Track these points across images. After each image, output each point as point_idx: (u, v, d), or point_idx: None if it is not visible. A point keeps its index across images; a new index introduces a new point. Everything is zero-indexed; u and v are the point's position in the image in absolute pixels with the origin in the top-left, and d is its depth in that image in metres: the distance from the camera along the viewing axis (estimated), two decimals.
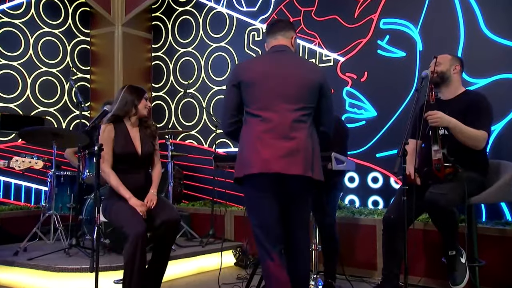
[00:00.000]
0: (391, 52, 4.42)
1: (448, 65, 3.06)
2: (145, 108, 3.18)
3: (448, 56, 3.11)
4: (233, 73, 2.46)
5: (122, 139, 3.09)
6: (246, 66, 2.48)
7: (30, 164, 3.09)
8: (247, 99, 2.38)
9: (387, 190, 4.34)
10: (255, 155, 2.29)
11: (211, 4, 5.75)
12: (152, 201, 3.00)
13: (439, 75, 3.04)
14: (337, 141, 3.50)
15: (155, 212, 2.97)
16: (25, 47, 5.50)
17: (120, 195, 2.99)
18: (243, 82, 2.40)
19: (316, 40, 4.89)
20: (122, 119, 3.15)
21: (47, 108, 5.67)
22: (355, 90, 4.62)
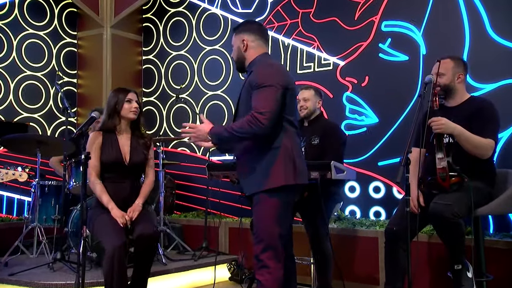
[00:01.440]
0: (393, 56, 4.44)
1: (451, 75, 3.06)
2: (130, 111, 3.11)
3: (450, 62, 3.08)
4: (284, 75, 2.54)
5: (110, 147, 3.09)
6: (287, 72, 2.67)
7: (14, 176, 3.08)
8: (290, 107, 2.53)
9: (390, 201, 4.34)
10: (303, 165, 2.56)
11: (204, 5, 5.77)
12: (134, 212, 2.98)
13: (442, 88, 3.05)
14: (333, 148, 3.50)
15: (134, 225, 2.97)
16: (8, 49, 5.49)
17: (105, 206, 2.98)
18: (291, 90, 2.54)
19: (315, 43, 4.91)
20: (112, 126, 3.14)
21: (31, 114, 5.65)
22: (356, 96, 4.63)
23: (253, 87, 2.46)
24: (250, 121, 2.38)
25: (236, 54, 2.67)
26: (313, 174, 3.15)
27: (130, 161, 3.09)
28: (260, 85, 2.43)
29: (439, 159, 2.90)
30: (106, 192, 3.02)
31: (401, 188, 4.24)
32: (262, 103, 2.39)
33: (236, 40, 2.66)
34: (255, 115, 2.37)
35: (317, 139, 3.53)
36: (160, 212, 4.59)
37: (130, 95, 3.12)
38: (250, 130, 2.38)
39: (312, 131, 3.57)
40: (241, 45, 2.63)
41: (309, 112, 3.62)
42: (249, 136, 2.42)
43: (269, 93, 2.42)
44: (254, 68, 2.56)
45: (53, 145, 4.06)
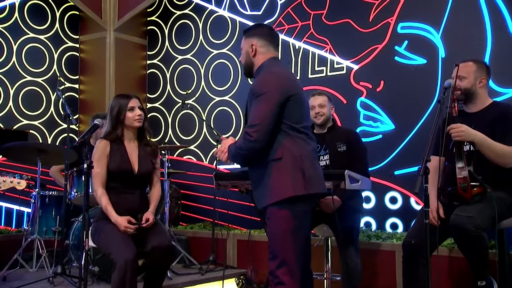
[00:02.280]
0: (410, 59, 4.43)
1: (472, 79, 3.04)
2: (134, 120, 3.10)
3: (472, 65, 3.06)
4: (284, 82, 2.54)
5: (118, 155, 3.09)
6: (291, 77, 2.68)
7: (12, 184, 3.11)
8: (295, 115, 2.52)
9: (407, 212, 4.32)
10: (316, 174, 2.55)
11: (211, 7, 5.81)
12: (150, 219, 2.99)
13: (463, 92, 3.03)
14: (361, 155, 3.51)
15: (147, 237, 2.96)
16: (8, 54, 5.55)
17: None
18: (295, 96, 2.53)
19: (327, 46, 4.91)
20: (118, 134, 3.14)
21: (31, 121, 5.71)
22: (370, 101, 4.62)
23: (253, 96, 2.51)
24: (244, 137, 2.47)
25: (245, 58, 2.68)
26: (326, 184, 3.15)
27: (139, 171, 3.10)
28: (256, 95, 2.48)
29: (460, 168, 2.88)
30: (111, 204, 3.01)
31: (419, 199, 4.21)
32: (254, 116, 2.46)
33: (245, 44, 2.67)
34: (246, 130, 2.45)
35: (343, 146, 3.55)
36: (166, 224, 4.59)
37: (132, 102, 3.09)
38: (245, 146, 2.46)
39: (336, 138, 3.58)
40: (250, 49, 2.64)
41: (326, 118, 3.62)
42: (247, 152, 2.48)
43: (263, 104, 2.46)
44: (257, 75, 2.60)
45: (54, 154, 4.09)
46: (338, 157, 3.54)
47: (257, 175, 2.55)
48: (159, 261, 2.94)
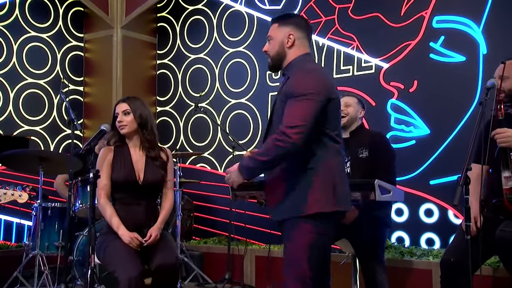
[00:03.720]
0: (447, 57, 4.38)
1: None
2: (119, 127, 3.11)
3: None
4: (326, 82, 2.49)
5: (122, 164, 3.11)
6: (331, 79, 2.70)
7: (13, 197, 3.14)
8: (333, 121, 2.48)
9: (445, 226, 4.27)
10: (346, 189, 2.52)
11: (227, 2, 5.82)
12: (153, 235, 2.99)
13: (507, 94, 2.97)
14: (386, 162, 3.45)
15: (152, 254, 2.97)
16: (8, 55, 5.63)
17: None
18: (335, 100, 2.49)
19: (354, 43, 4.89)
20: (121, 140, 3.17)
21: (33, 126, 5.77)
22: (403, 103, 4.58)
23: (288, 96, 2.41)
24: (277, 139, 2.35)
25: (277, 49, 2.55)
26: (354, 194, 3.10)
27: (145, 180, 3.10)
28: (296, 95, 2.38)
29: (506, 178, 2.82)
30: (117, 216, 3.03)
31: (458, 212, 4.14)
32: (295, 116, 2.36)
33: (279, 33, 2.54)
34: (283, 130, 2.34)
35: (365, 152, 3.48)
36: (177, 238, 4.59)
37: (118, 107, 3.15)
38: (278, 150, 2.36)
39: (358, 142, 3.51)
40: (286, 40, 2.53)
41: (350, 120, 3.56)
42: (278, 158, 2.39)
43: (305, 105, 2.37)
44: (291, 73, 2.51)
45: (57, 162, 4.12)
46: (358, 164, 3.46)
47: (279, 184, 2.49)
48: (164, 281, 2.93)
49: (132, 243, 2.92)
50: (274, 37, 2.55)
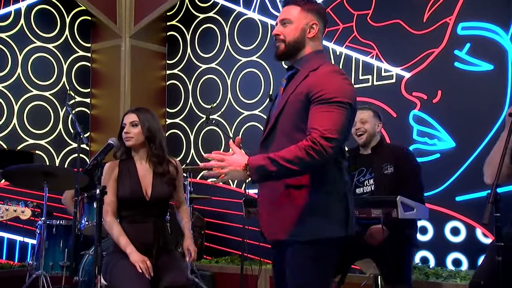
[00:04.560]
0: (473, 65, 4.34)
1: None
2: (125, 139, 3.10)
3: None
4: (353, 88, 2.31)
5: (127, 179, 3.10)
6: None
7: (16, 213, 3.13)
8: (348, 135, 2.30)
9: (473, 246, 4.20)
10: (353, 212, 2.37)
11: (239, 9, 5.84)
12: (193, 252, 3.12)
13: None
14: (414, 177, 3.42)
15: (162, 274, 2.95)
16: (12, 66, 5.68)
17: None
18: (355, 112, 2.33)
19: (373, 51, 4.86)
20: (127, 153, 3.17)
21: (38, 140, 5.80)
22: (426, 114, 4.53)
23: (314, 99, 2.20)
24: (312, 148, 2.10)
25: (297, 36, 2.33)
26: (375, 212, 3.08)
27: (152, 196, 3.09)
28: (330, 101, 2.17)
29: None
30: (124, 234, 3.02)
31: (489, 232, 4.07)
32: (331, 126, 2.14)
33: (302, 18, 2.34)
34: (319, 141, 2.10)
35: (391, 167, 3.47)
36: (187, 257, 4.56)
37: (126, 118, 3.15)
38: (310, 161, 2.11)
39: (382, 158, 3.50)
40: (309, 28, 2.33)
41: (369, 137, 3.56)
42: (305, 170, 2.18)
43: (341, 115, 2.17)
44: (307, 69, 2.29)
45: (62, 178, 4.12)
46: (383, 180, 3.45)
47: (289, 199, 2.28)
48: None
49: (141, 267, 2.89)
50: (295, 22, 2.33)
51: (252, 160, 2.15)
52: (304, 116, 2.22)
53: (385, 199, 3.07)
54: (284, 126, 2.27)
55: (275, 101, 2.40)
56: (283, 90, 2.35)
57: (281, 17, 2.37)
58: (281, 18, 2.37)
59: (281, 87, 2.38)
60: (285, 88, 2.34)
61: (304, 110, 2.22)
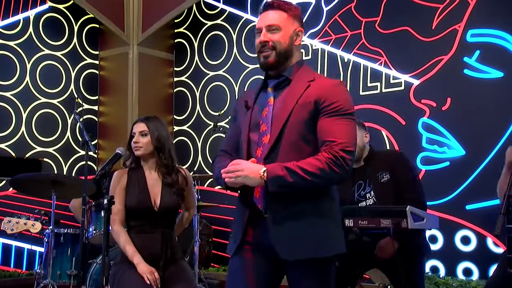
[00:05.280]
0: (482, 72, 4.31)
1: None
2: (134, 148, 3.08)
3: None
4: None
5: (136, 188, 3.08)
6: None
7: (26, 226, 3.14)
8: None
9: (484, 255, 4.16)
10: None
11: (247, 16, 5.83)
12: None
13: None
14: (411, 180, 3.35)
15: (170, 286, 2.92)
16: (21, 74, 5.70)
17: None
18: None
19: (382, 58, 4.84)
20: (136, 162, 3.16)
21: (46, 148, 5.81)
22: (435, 122, 4.51)
23: (327, 110, 2.11)
24: (332, 162, 2.04)
25: (288, 44, 2.19)
26: (384, 222, 3.03)
27: (161, 206, 3.06)
28: (343, 113, 2.11)
29: None
30: (132, 243, 3.00)
31: (501, 242, 4.03)
32: (347, 138, 2.08)
33: (290, 25, 2.20)
34: (341, 154, 2.04)
35: (386, 175, 3.39)
36: (195, 266, 4.54)
37: (135, 127, 3.13)
38: (331, 175, 2.04)
39: (376, 167, 3.42)
40: (295, 36, 2.21)
41: (359, 151, 3.47)
42: (326, 183, 2.11)
43: (353, 126, 2.14)
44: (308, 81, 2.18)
45: (70, 186, 4.11)
46: (383, 189, 3.35)
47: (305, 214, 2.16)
48: None
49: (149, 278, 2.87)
50: (284, 28, 2.18)
51: (270, 168, 2.05)
52: (312, 127, 2.13)
53: (394, 209, 3.02)
54: (291, 138, 2.13)
55: (251, 111, 2.22)
56: (274, 99, 2.20)
57: (267, 23, 2.19)
58: (267, 24, 2.19)
59: (271, 97, 2.20)
60: (277, 98, 2.20)
61: (312, 121, 2.13)
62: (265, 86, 2.27)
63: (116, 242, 3.14)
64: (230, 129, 2.38)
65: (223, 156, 2.29)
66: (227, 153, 2.30)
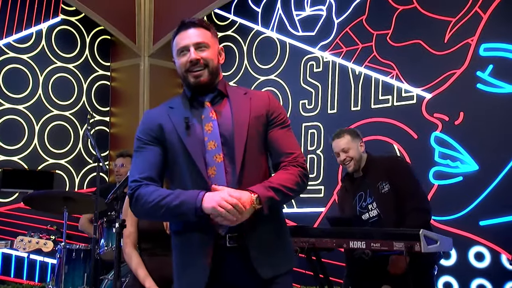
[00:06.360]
0: (496, 87, 4.25)
1: None
2: None
3: None
4: None
5: None
6: None
7: (38, 245, 3.15)
8: None
9: (498, 272, 4.09)
10: None
11: (258, 28, 5.80)
12: None
13: None
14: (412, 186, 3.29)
15: None
16: (34, 86, 5.72)
17: None
18: None
19: (393, 71, 4.79)
20: None
21: (58, 160, 5.82)
22: (448, 136, 4.45)
23: (277, 122, 2.09)
24: (303, 174, 2.04)
25: (216, 61, 2.12)
26: (397, 245, 2.99)
27: None
28: (287, 124, 2.14)
29: None
30: (144, 266, 2.98)
31: None
32: (300, 149, 2.14)
33: (215, 43, 2.15)
34: (305, 166, 2.07)
35: (386, 185, 3.31)
36: None
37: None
38: (304, 186, 2.07)
39: (375, 178, 3.35)
40: (219, 54, 2.16)
41: (356, 162, 3.41)
42: (299, 195, 2.11)
43: (295, 137, 2.19)
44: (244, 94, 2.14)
45: (81, 202, 4.11)
46: (384, 200, 3.29)
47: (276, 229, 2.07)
48: None
49: None
50: (211, 46, 2.11)
51: (259, 192, 1.93)
52: (265, 140, 2.08)
53: (407, 232, 2.98)
54: (252, 153, 2.03)
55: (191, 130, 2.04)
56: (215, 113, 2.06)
57: (194, 40, 2.08)
58: (195, 42, 2.08)
59: (211, 111, 2.06)
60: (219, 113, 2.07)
61: (264, 133, 2.08)
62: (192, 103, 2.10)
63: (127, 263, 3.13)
64: (148, 154, 2.06)
65: (153, 185, 2.01)
66: (154, 181, 2.03)
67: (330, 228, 3.25)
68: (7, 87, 5.56)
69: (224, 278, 2.00)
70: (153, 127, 2.10)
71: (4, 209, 5.37)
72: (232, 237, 1.97)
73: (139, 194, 2.00)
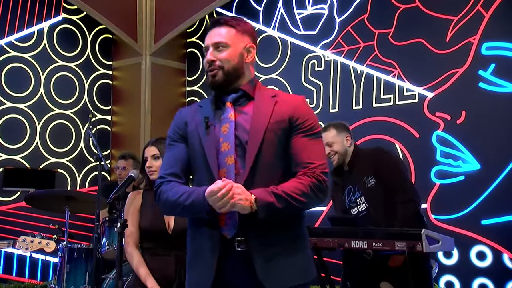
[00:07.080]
0: (497, 86, 4.24)
1: None
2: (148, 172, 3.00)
3: None
4: None
5: (150, 210, 3.04)
6: None
7: (40, 245, 3.15)
8: None
9: (500, 271, 4.09)
10: None
11: (259, 27, 5.79)
12: None
13: None
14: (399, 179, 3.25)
15: None
16: (35, 85, 5.71)
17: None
18: None
19: (395, 70, 4.78)
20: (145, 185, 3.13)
21: (59, 159, 5.81)
22: (449, 135, 4.44)
23: (302, 128, 2.01)
24: (316, 187, 1.95)
25: (236, 61, 2.04)
26: (398, 245, 2.98)
27: (175, 229, 3.03)
28: (315, 132, 2.03)
29: None
30: (145, 266, 2.97)
31: None
32: (323, 159, 2.01)
33: (239, 42, 2.05)
34: (323, 178, 1.97)
35: (372, 179, 3.26)
36: None
37: (147, 151, 3.02)
38: (316, 199, 1.97)
39: (360, 172, 3.31)
40: (246, 53, 2.06)
41: (341, 156, 3.37)
42: (310, 207, 2.01)
43: (323, 146, 2.11)
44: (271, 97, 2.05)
45: (83, 201, 4.11)
46: (371, 195, 3.25)
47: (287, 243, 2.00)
48: None
49: None
50: (232, 46, 2.04)
51: (259, 195, 1.88)
52: (285, 145, 2.00)
53: (409, 232, 2.97)
54: (267, 158, 1.98)
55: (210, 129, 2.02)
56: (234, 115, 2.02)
57: (213, 40, 2.04)
58: (214, 42, 2.03)
59: (231, 112, 2.03)
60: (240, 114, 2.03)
61: (285, 138, 2.00)
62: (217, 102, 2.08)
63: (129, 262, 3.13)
64: (176, 151, 2.08)
65: (175, 182, 2.03)
66: (178, 177, 2.04)
67: (331, 228, 3.24)
68: (9, 86, 5.55)
69: (228, 280, 1.99)
70: (180, 125, 2.11)
71: (6, 208, 5.37)
72: (241, 241, 1.95)
73: (161, 191, 2.04)
